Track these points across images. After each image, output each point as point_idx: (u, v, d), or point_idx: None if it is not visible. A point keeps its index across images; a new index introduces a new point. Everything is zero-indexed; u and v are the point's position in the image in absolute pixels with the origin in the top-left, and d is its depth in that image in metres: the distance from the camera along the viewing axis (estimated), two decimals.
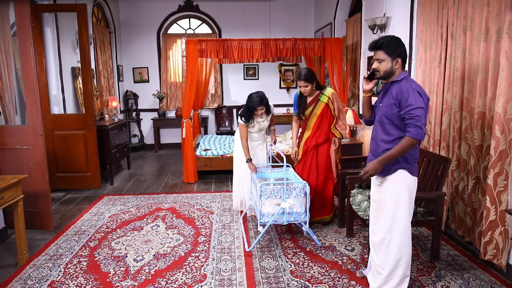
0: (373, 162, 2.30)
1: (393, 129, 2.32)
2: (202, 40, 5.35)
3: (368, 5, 5.06)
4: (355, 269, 2.94)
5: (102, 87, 6.59)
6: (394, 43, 2.28)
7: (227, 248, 3.35)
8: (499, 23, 2.73)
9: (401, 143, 2.20)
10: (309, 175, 3.69)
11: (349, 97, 5.81)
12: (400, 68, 2.32)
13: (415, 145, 2.21)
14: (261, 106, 3.68)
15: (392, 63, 2.30)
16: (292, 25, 7.99)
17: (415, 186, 2.40)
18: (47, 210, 3.74)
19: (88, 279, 2.86)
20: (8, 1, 3.72)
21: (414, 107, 2.17)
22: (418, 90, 2.21)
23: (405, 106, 2.20)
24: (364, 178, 2.35)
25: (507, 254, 2.73)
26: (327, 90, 3.67)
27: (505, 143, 2.66)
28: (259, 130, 3.95)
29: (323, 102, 3.64)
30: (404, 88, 2.23)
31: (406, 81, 2.27)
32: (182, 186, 5.39)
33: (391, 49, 2.28)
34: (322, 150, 3.71)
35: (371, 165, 2.29)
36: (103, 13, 7.11)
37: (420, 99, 2.19)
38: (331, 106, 3.64)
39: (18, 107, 4.18)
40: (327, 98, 3.63)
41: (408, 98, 2.19)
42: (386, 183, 2.41)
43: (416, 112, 2.16)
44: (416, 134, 2.16)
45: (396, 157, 2.24)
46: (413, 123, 2.16)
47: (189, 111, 5.48)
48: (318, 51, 5.53)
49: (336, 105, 3.64)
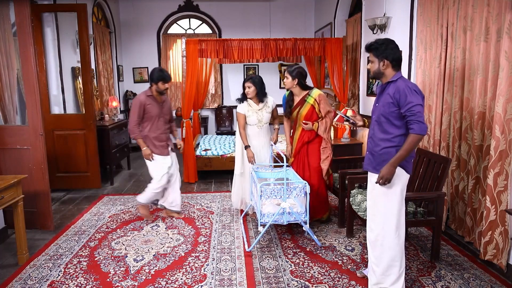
0: (386, 166, 2.32)
1: (390, 127, 2.38)
2: (202, 40, 5.35)
3: (368, 5, 5.06)
4: (355, 269, 2.94)
5: (102, 87, 6.60)
6: (382, 46, 2.37)
7: (227, 248, 3.35)
8: (499, 23, 2.73)
9: (408, 141, 2.27)
10: (303, 175, 3.71)
11: (349, 97, 5.81)
12: (390, 69, 2.39)
13: (420, 140, 2.28)
14: (248, 83, 3.78)
15: (379, 64, 2.40)
16: (292, 25, 8.00)
17: (406, 182, 2.47)
18: (47, 210, 3.74)
19: (88, 279, 2.87)
20: (8, 1, 3.72)
21: (413, 104, 2.24)
22: (414, 88, 2.29)
23: (405, 104, 2.27)
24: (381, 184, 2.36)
25: (507, 254, 2.73)
26: (314, 91, 3.68)
27: (505, 143, 2.66)
28: (258, 122, 3.88)
29: (309, 104, 3.65)
30: (401, 87, 2.30)
31: (402, 81, 2.34)
32: (182, 186, 5.37)
33: (378, 51, 2.39)
34: (313, 150, 3.71)
35: (385, 170, 2.32)
36: (103, 13, 7.11)
37: (418, 97, 2.27)
38: (317, 108, 3.63)
39: (18, 107, 4.18)
40: (313, 99, 3.64)
41: (406, 96, 2.27)
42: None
43: (417, 109, 2.24)
44: (420, 130, 2.23)
45: (406, 156, 2.30)
46: (415, 119, 2.24)
47: (189, 111, 5.48)
48: (318, 51, 5.53)
49: (323, 107, 3.63)
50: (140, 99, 3.73)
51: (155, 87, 3.75)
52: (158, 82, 3.71)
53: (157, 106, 3.80)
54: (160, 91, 3.76)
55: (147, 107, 3.73)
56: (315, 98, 3.63)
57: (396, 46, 2.39)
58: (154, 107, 3.77)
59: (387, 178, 2.32)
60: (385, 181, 2.33)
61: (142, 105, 3.71)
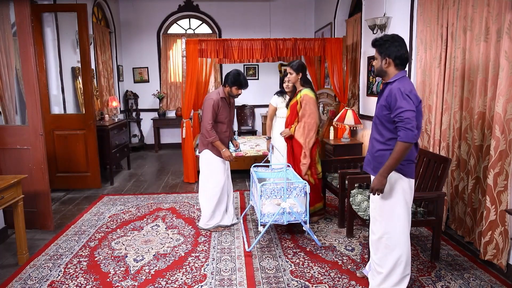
0: (376, 177, 2.28)
1: (384, 130, 2.33)
2: (202, 40, 5.35)
3: (368, 5, 5.06)
4: (355, 269, 2.94)
5: (102, 87, 6.60)
6: (386, 43, 2.29)
7: (227, 248, 3.35)
8: (499, 23, 2.73)
9: (395, 150, 2.19)
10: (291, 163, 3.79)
11: (349, 97, 5.81)
12: (392, 68, 2.31)
13: (409, 148, 2.17)
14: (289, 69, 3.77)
15: (381, 62, 2.32)
16: (292, 25, 7.99)
17: (411, 187, 2.38)
18: (47, 210, 3.74)
19: (88, 279, 2.86)
20: (8, 1, 3.72)
21: (403, 110, 2.15)
22: (407, 93, 2.18)
23: (395, 109, 2.19)
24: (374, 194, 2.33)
25: (507, 254, 2.73)
26: (304, 90, 3.73)
27: (505, 143, 2.66)
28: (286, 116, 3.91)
29: (295, 99, 3.77)
30: (393, 91, 2.22)
31: (398, 83, 2.24)
32: (182, 186, 5.39)
33: (382, 49, 2.31)
34: (297, 145, 3.74)
35: (375, 181, 2.27)
36: (103, 13, 7.11)
37: (409, 102, 2.16)
38: (298, 106, 3.72)
39: (18, 107, 4.18)
40: (300, 96, 3.72)
41: (397, 101, 2.18)
42: None
43: (406, 115, 2.14)
44: (406, 137, 2.14)
45: (396, 164, 2.22)
46: (403, 126, 2.15)
47: (189, 111, 5.48)
48: (318, 51, 5.53)
49: (303, 107, 3.66)
50: (214, 99, 3.50)
51: (228, 89, 3.56)
52: (233, 87, 3.53)
53: (227, 108, 3.63)
54: (233, 95, 3.60)
55: (219, 108, 3.54)
56: (302, 96, 3.70)
57: (402, 44, 2.29)
58: (224, 109, 3.58)
59: (377, 189, 2.27)
60: (376, 192, 2.29)
61: (216, 106, 3.50)
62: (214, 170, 3.63)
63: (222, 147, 3.55)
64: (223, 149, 3.56)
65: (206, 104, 3.53)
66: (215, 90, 3.62)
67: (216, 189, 3.61)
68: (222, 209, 3.70)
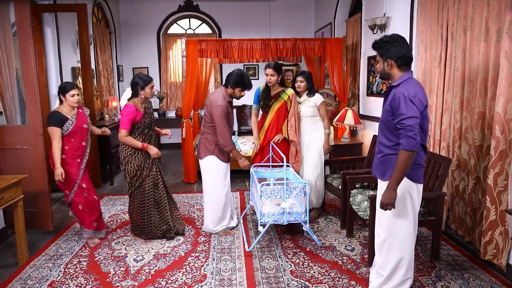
0: (385, 192, 2.19)
1: (390, 135, 2.27)
2: (202, 40, 5.35)
3: (368, 5, 5.06)
4: (355, 269, 2.94)
5: (102, 87, 6.59)
6: (386, 45, 2.20)
7: (227, 248, 3.35)
8: (499, 23, 2.73)
9: (399, 160, 2.12)
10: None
11: (349, 97, 5.81)
12: (395, 69, 2.23)
13: (412, 156, 2.10)
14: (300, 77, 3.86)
15: (383, 64, 2.25)
16: (292, 25, 7.99)
17: (418, 192, 2.33)
18: (47, 210, 3.74)
19: (88, 279, 2.86)
20: (8, 1, 3.72)
21: (405, 117, 2.08)
22: (411, 98, 2.09)
23: (398, 115, 2.13)
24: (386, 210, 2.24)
25: (507, 254, 2.73)
26: (289, 89, 3.85)
27: (505, 143, 2.66)
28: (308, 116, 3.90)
29: (282, 99, 3.81)
30: (397, 96, 2.13)
31: (402, 87, 2.15)
32: (182, 186, 5.39)
33: (383, 51, 2.23)
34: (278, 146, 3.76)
35: (385, 196, 2.17)
36: (103, 13, 7.11)
37: (412, 108, 2.08)
38: (289, 105, 3.79)
39: (18, 107, 4.17)
40: (287, 96, 3.79)
41: (400, 107, 2.10)
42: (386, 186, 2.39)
43: (408, 122, 2.07)
44: (408, 145, 2.06)
45: (402, 175, 2.14)
46: (405, 134, 2.08)
47: (189, 111, 5.48)
48: (318, 51, 5.52)
49: (293, 104, 3.78)
50: (221, 105, 3.26)
51: (230, 90, 3.36)
52: (236, 88, 3.35)
53: (231, 111, 3.47)
54: (236, 97, 3.41)
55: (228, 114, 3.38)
56: (289, 95, 3.80)
57: (402, 43, 2.19)
58: (230, 113, 3.42)
59: (387, 203, 2.17)
60: (386, 207, 2.19)
61: (225, 113, 3.29)
62: (220, 175, 3.52)
63: (241, 157, 3.45)
64: (241, 159, 3.46)
65: (215, 112, 3.29)
66: (219, 93, 3.37)
67: (223, 193, 3.55)
68: (229, 211, 3.67)
